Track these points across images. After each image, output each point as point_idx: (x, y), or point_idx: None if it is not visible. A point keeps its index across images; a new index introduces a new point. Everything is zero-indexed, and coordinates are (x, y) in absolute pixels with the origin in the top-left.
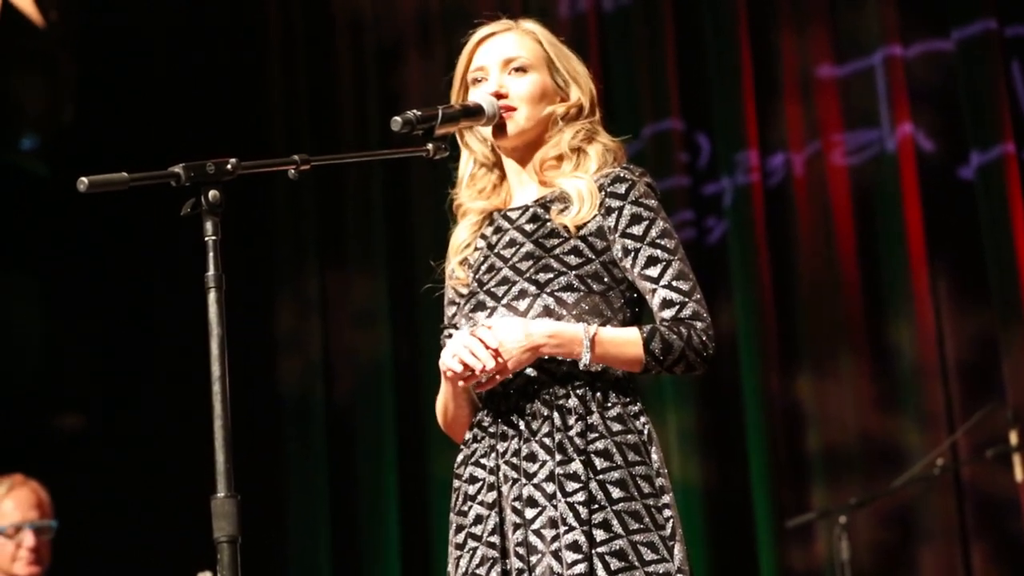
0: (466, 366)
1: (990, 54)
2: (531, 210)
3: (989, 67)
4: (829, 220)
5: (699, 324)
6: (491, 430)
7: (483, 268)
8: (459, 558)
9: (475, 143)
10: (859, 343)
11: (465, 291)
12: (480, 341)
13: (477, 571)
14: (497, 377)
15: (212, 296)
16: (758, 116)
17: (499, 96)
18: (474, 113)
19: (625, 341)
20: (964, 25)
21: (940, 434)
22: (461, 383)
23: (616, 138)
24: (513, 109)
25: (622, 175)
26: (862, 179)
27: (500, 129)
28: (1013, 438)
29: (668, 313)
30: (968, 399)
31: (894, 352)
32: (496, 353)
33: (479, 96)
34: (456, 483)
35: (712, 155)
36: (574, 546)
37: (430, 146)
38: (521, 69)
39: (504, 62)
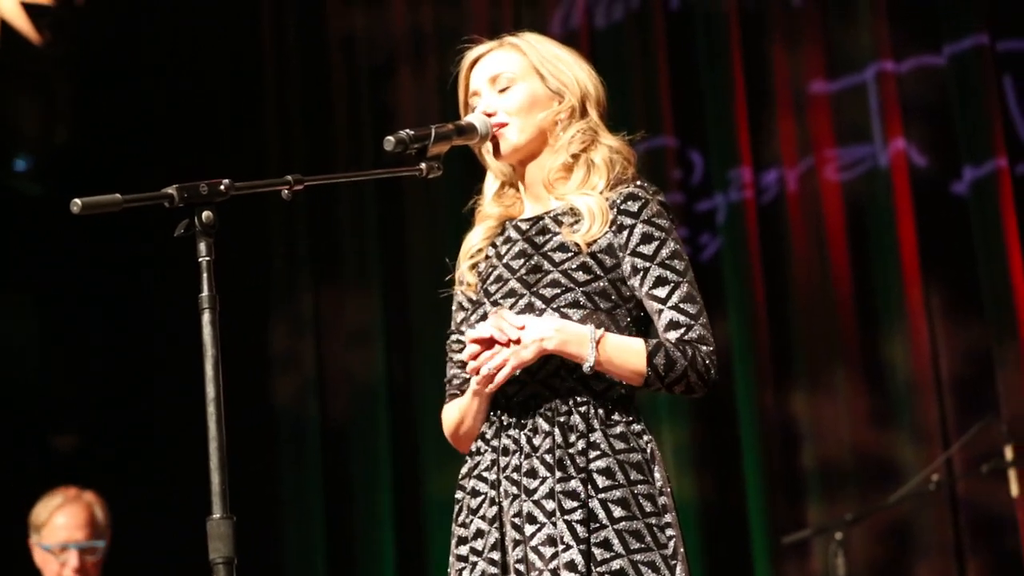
0: (488, 342)
1: (982, 69)
2: (541, 222)
3: (981, 82)
4: (822, 236)
5: (704, 348)
6: (493, 443)
7: (491, 278)
8: (461, 571)
9: (491, 161)
10: (853, 358)
11: (474, 297)
12: (507, 322)
13: None
14: (502, 374)
15: (206, 317)
16: (751, 132)
17: (489, 116)
18: (466, 132)
19: (630, 350)
20: (956, 40)
21: (935, 449)
22: (473, 375)
23: (619, 135)
24: (504, 125)
25: (636, 193)
26: (855, 195)
27: (495, 147)
28: (1008, 453)
29: (674, 335)
30: (963, 414)
31: (888, 367)
32: (518, 333)
33: (473, 116)
34: (459, 494)
35: (705, 172)
36: (571, 565)
37: (423, 165)
38: (506, 86)
39: (490, 81)
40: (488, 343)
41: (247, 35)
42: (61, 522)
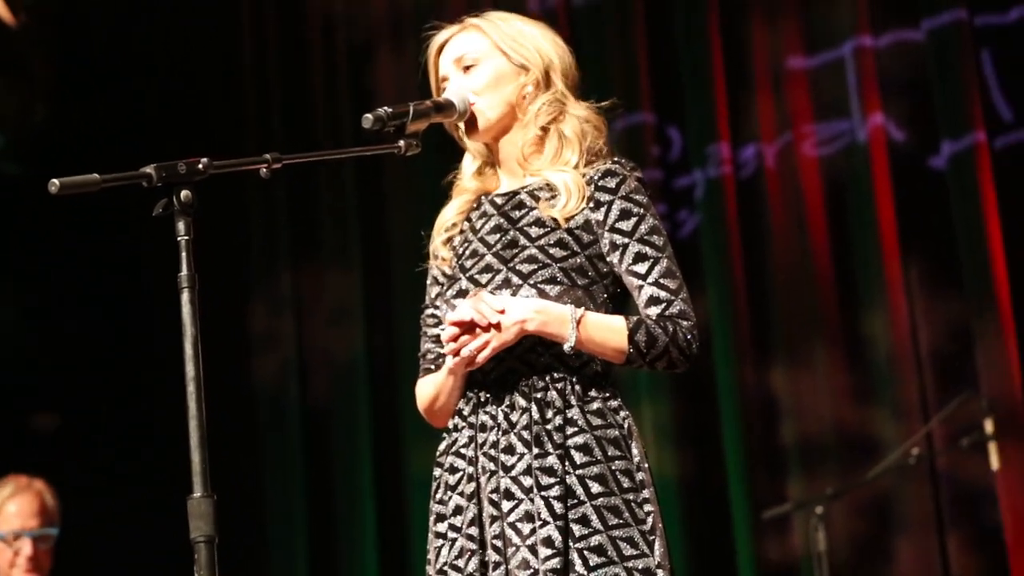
0: (469, 325)
1: (960, 44)
2: (518, 197)
3: (959, 57)
4: (801, 211)
5: (685, 323)
6: (471, 420)
7: (466, 253)
8: (440, 547)
9: (469, 142)
10: (833, 334)
11: (449, 272)
12: (487, 305)
13: (456, 562)
14: (482, 355)
15: (185, 296)
16: (729, 108)
17: None
18: (444, 108)
19: (611, 328)
20: (934, 15)
21: (915, 424)
22: (451, 356)
23: (588, 103)
24: (474, 104)
25: (613, 169)
26: (833, 170)
27: (471, 125)
28: (988, 426)
29: (654, 311)
30: (942, 388)
31: (868, 342)
32: (499, 317)
33: (450, 92)
34: (437, 471)
35: (683, 148)
36: (548, 541)
37: (402, 143)
38: (471, 65)
39: (456, 63)
40: (468, 326)
41: (227, 16)
42: (13, 510)
